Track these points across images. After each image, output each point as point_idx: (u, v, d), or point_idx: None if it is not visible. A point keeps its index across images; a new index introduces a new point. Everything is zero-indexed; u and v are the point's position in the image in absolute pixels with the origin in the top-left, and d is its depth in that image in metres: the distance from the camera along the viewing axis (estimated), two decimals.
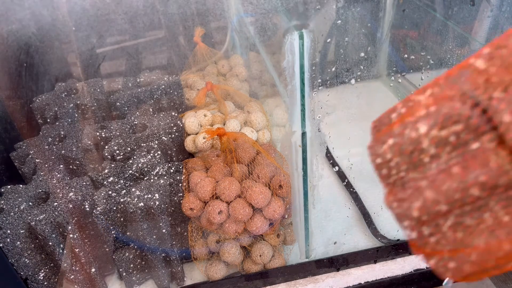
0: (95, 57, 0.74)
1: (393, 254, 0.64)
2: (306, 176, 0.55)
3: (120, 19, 0.71)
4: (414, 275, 0.64)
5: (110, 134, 0.66)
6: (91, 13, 0.69)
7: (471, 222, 0.19)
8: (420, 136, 0.20)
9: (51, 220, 0.54)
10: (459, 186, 0.19)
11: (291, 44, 0.44)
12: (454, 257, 0.20)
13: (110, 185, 0.59)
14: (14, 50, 0.69)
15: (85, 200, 0.56)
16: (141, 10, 0.71)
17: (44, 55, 0.73)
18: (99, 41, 0.73)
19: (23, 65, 0.71)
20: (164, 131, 0.66)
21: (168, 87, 0.76)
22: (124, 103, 0.73)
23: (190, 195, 0.55)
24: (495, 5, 0.70)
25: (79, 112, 0.70)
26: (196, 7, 0.76)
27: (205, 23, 0.80)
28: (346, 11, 0.74)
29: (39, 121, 0.73)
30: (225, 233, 0.56)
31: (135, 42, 0.77)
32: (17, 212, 0.55)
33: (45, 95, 0.74)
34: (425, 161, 0.20)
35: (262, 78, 0.81)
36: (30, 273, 0.55)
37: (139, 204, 0.55)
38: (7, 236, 0.52)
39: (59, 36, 0.71)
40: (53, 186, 0.58)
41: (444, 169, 0.19)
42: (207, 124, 0.71)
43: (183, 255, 0.63)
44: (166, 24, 0.76)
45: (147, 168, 0.60)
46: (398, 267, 0.64)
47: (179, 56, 0.83)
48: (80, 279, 0.57)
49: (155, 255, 0.59)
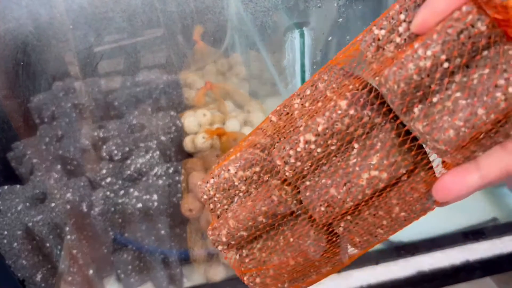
0: (92, 56, 0.73)
1: (395, 256, 0.64)
2: None
3: (118, 17, 0.70)
4: (416, 277, 0.64)
5: (108, 134, 0.66)
6: (88, 11, 0.68)
7: (272, 244, 0.25)
8: (231, 175, 0.25)
9: (48, 221, 0.53)
10: (250, 216, 0.24)
11: (292, 42, 0.44)
12: (259, 273, 0.26)
13: (108, 186, 0.58)
14: (11, 49, 0.69)
15: (83, 201, 0.56)
16: (139, 8, 0.71)
17: (42, 54, 0.72)
18: (96, 39, 0.72)
19: (20, 64, 0.70)
20: (163, 131, 0.65)
21: (167, 86, 0.76)
22: (122, 102, 0.72)
23: (189, 196, 0.55)
24: None
25: (77, 112, 0.70)
26: (195, 5, 0.75)
27: (205, 21, 0.80)
28: (347, 9, 0.73)
29: (36, 121, 0.72)
30: None
31: (133, 41, 0.76)
32: (14, 213, 0.54)
33: (42, 94, 0.74)
34: (234, 195, 0.26)
35: (262, 77, 0.81)
36: (27, 275, 0.54)
37: (138, 205, 0.54)
38: (4, 237, 0.52)
39: (57, 34, 0.70)
40: (50, 187, 0.57)
41: (241, 202, 0.25)
42: (206, 123, 0.70)
43: (182, 256, 0.63)
44: (165, 22, 0.76)
45: (146, 168, 0.60)
46: (400, 269, 0.64)
47: (178, 55, 0.82)
48: (78, 280, 0.56)
49: (153, 256, 0.58)
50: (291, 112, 0.25)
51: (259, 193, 0.24)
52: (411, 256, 0.65)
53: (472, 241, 0.66)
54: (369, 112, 0.21)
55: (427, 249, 0.65)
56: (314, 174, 0.23)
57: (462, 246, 0.66)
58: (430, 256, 0.65)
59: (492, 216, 0.68)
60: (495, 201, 0.72)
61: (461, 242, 0.65)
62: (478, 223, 0.67)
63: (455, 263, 0.64)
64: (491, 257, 0.65)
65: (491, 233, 0.66)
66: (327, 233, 0.24)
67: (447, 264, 0.64)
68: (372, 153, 0.21)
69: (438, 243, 0.65)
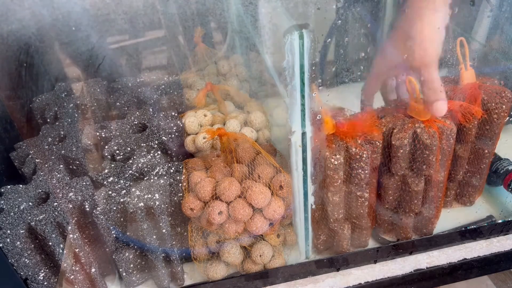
0: (95, 57, 0.74)
1: (393, 254, 0.64)
2: (306, 176, 0.55)
3: (120, 19, 0.70)
4: (414, 275, 0.64)
5: (110, 134, 0.66)
6: (91, 13, 0.69)
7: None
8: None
9: (51, 220, 0.54)
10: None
11: (291, 44, 0.44)
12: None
13: (110, 185, 0.59)
14: (14, 50, 0.69)
15: (85, 200, 0.56)
16: (141, 10, 0.71)
17: (44, 55, 0.73)
18: (99, 41, 0.73)
19: (23, 65, 0.71)
20: (164, 131, 0.66)
21: (168, 87, 0.76)
22: (124, 103, 0.73)
23: (190, 195, 0.55)
24: (495, 5, 0.70)
25: (79, 112, 0.70)
26: (196, 7, 0.76)
27: (205, 23, 0.80)
28: (346, 11, 0.74)
29: (39, 121, 0.73)
30: (225, 233, 0.56)
31: (135, 42, 0.77)
32: (17, 212, 0.55)
33: (45, 95, 0.74)
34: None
35: (262, 78, 0.81)
36: (30, 273, 0.54)
37: (139, 204, 0.55)
38: (7, 236, 0.52)
39: (59, 36, 0.71)
40: (53, 186, 0.58)
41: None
42: (207, 124, 0.71)
43: (183, 255, 0.63)
44: (166, 24, 0.76)
45: (147, 168, 0.60)
46: (398, 267, 0.64)
47: (179, 56, 0.83)
48: (80, 279, 0.57)
49: (155, 255, 0.59)
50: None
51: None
52: (409, 255, 0.65)
53: (470, 239, 0.66)
54: None
55: (425, 247, 0.65)
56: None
57: (459, 244, 0.66)
58: (427, 255, 0.65)
59: (489, 215, 0.69)
60: (492, 200, 0.72)
61: (458, 240, 0.66)
62: (475, 222, 0.68)
63: (452, 262, 0.65)
64: (489, 256, 0.66)
65: (488, 232, 0.66)
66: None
67: (444, 262, 0.65)
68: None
69: (435, 241, 0.65)
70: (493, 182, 0.72)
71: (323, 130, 0.53)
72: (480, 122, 0.62)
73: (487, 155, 0.64)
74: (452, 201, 0.71)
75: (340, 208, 0.58)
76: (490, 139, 0.63)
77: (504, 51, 0.70)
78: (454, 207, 0.71)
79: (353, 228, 0.61)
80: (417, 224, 0.64)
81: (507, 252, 0.66)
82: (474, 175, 0.67)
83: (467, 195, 0.69)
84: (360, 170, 0.54)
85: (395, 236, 0.66)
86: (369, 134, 0.54)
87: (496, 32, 0.71)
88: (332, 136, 0.54)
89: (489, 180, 0.72)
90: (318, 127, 0.53)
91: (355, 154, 0.53)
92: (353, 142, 0.53)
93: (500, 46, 0.71)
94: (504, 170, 0.69)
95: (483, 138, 0.63)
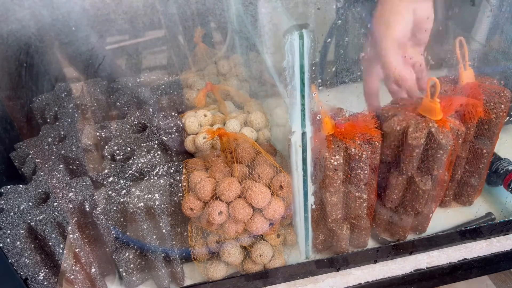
0: (95, 57, 0.74)
1: (393, 254, 0.64)
2: (306, 176, 0.55)
3: (120, 19, 0.70)
4: (414, 275, 0.64)
5: (110, 134, 0.66)
6: (91, 13, 0.69)
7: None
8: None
9: (51, 220, 0.54)
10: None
11: (291, 44, 0.44)
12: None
13: (110, 185, 0.59)
14: (14, 50, 0.69)
15: (85, 200, 0.56)
16: (141, 10, 0.71)
17: (44, 55, 0.73)
18: (99, 41, 0.73)
19: (23, 65, 0.71)
20: (164, 131, 0.66)
21: (168, 87, 0.76)
22: (124, 103, 0.73)
23: (190, 195, 0.55)
24: (495, 5, 0.70)
25: (79, 112, 0.70)
26: (196, 7, 0.76)
27: (205, 23, 0.80)
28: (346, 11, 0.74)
29: (39, 121, 0.73)
30: (225, 233, 0.56)
31: (135, 42, 0.77)
32: (17, 212, 0.55)
33: (45, 95, 0.74)
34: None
35: (262, 78, 0.81)
36: (30, 273, 0.54)
37: (139, 204, 0.55)
38: (7, 236, 0.52)
39: (59, 36, 0.71)
40: (53, 186, 0.58)
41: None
42: (207, 124, 0.71)
43: (183, 255, 0.63)
44: (166, 24, 0.76)
45: (147, 168, 0.60)
46: (398, 267, 0.64)
47: (179, 56, 0.83)
48: (80, 279, 0.57)
49: (155, 255, 0.59)
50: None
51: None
52: (409, 255, 0.65)
53: (470, 239, 0.66)
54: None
55: (425, 247, 0.65)
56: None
57: (459, 244, 0.66)
58: (427, 255, 0.65)
59: (488, 212, 0.69)
60: (492, 200, 0.72)
61: (458, 240, 0.66)
62: (475, 222, 0.68)
63: (452, 262, 0.65)
64: (489, 256, 0.66)
65: (488, 232, 0.66)
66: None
67: (444, 262, 0.65)
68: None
69: (435, 241, 0.65)
70: (493, 182, 0.72)
71: (322, 131, 0.53)
72: (479, 122, 0.61)
73: (486, 155, 0.64)
74: (451, 201, 0.71)
75: (339, 208, 0.58)
76: (489, 139, 0.63)
77: (504, 51, 0.70)
78: (453, 207, 0.71)
79: (352, 228, 0.61)
80: (414, 222, 0.64)
81: (507, 252, 0.66)
82: (473, 175, 0.67)
83: (466, 195, 0.69)
84: (360, 171, 0.54)
85: (394, 235, 0.66)
86: (369, 134, 0.54)
87: (496, 32, 0.71)
88: (331, 137, 0.54)
89: (489, 180, 0.72)
90: (318, 127, 0.53)
91: (355, 154, 0.53)
92: (352, 143, 0.53)
93: (500, 46, 0.71)
94: (504, 170, 0.69)
95: (481, 138, 0.63)
